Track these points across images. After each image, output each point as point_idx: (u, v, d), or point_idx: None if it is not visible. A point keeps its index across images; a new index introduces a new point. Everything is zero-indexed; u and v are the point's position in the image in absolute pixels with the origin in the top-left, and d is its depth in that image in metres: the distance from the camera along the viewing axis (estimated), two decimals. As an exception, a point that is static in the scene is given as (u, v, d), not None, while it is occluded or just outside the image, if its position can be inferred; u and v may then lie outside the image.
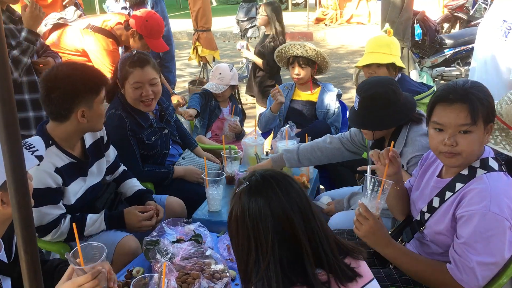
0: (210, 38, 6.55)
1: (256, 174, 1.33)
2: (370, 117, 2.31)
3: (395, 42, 3.19)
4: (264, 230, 1.25)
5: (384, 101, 2.29)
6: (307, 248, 1.25)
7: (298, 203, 1.28)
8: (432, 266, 1.72)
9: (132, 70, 2.72)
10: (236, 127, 3.84)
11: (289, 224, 1.26)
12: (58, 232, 2.15)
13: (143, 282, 1.64)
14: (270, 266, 1.23)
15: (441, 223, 1.72)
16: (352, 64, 9.36)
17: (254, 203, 1.27)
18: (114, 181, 2.59)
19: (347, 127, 3.79)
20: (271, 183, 1.29)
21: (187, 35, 12.70)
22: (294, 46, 3.61)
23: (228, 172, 2.80)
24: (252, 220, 1.26)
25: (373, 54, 3.08)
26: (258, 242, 1.25)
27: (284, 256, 1.25)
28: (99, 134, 2.45)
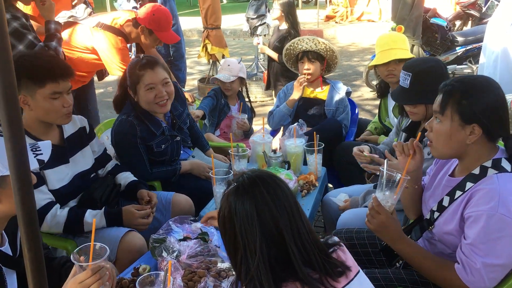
0: (219, 36, 6.55)
1: (244, 175, 1.34)
2: (428, 91, 2.27)
3: (406, 38, 3.26)
4: (251, 231, 1.25)
5: (437, 75, 2.30)
6: (293, 249, 1.26)
7: (285, 204, 1.29)
8: (441, 265, 1.71)
9: (143, 72, 2.71)
10: (244, 124, 3.83)
11: (275, 225, 1.26)
12: (53, 221, 2.16)
13: (149, 280, 1.64)
14: (260, 266, 1.23)
15: (450, 223, 1.70)
16: (362, 62, 9.30)
17: (241, 204, 1.27)
18: (108, 173, 2.60)
19: (356, 125, 3.77)
20: (258, 184, 1.30)
21: (197, 33, 12.71)
22: (303, 40, 3.59)
23: (236, 170, 2.79)
24: (239, 221, 1.27)
25: (392, 51, 3.08)
26: (245, 242, 1.26)
27: (272, 255, 1.25)
28: (80, 125, 2.47)
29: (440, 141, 1.70)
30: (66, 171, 2.32)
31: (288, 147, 2.95)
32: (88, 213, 2.25)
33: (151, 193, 2.52)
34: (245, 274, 1.26)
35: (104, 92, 7.50)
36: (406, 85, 2.34)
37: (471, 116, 1.63)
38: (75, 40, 3.54)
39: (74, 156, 2.39)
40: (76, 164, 2.38)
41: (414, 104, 2.36)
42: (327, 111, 3.63)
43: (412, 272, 1.91)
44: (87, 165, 2.45)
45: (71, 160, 2.36)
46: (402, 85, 2.38)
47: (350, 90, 3.77)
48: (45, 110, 2.16)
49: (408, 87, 2.34)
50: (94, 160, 2.51)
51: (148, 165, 2.80)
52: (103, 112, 4.99)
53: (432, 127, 1.73)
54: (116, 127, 2.79)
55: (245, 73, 3.99)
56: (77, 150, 2.41)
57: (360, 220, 2.37)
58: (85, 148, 2.47)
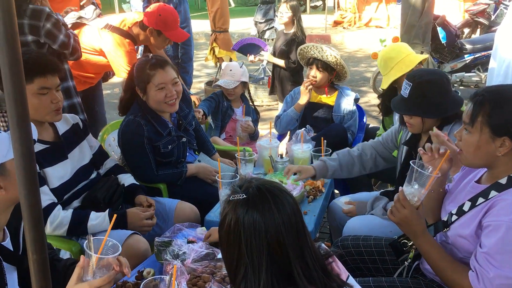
0: (227, 39, 6.55)
1: (254, 186, 1.31)
2: (425, 103, 2.26)
3: (405, 44, 3.29)
4: (258, 246, 1.23)
5: (440, 87, 2.27)
6: (297, 267, 1.24)
7: (291, 221, 1.27)
8: (456, 268, 1.69)
9: (154, 72, 2.71)
10: (248, 127, 3.82)
11: (281, 242, 1.24)
12: (55, 223, 2.15)
13: (153, 284, 1.63)
14: (261, 279, 1.22)
15: (466, 228, 1.68)
16: (370, 68, 9.28)
17: (250, 217, 1.25)
18: (107, 174, 2.59)
19: (363, 131, 3.74)
20: (267, 198, 1.27)
21: (204, 36, 12.75)
22: (316, 48, 3.58)
23: (242, 174, 2.77)
24: (246, 234, 1.24)
25: (413, 54, 3.08)
26: (249, 255, 1.24)
27: (275, 272, 1.24)
28: (72, 121, 2.47)
29: (469, 152, 1.68)
30: (66, 167, 2.32)
31: (295, 152, 2.94)
32: (92, 215, 2.25)
33: (149, 199, 2.52)
34: (243, 285, 1.24)
35: (110, 93, 7.52)
36: (406, 94, 2.32)
37: (502, 129, 1.60)
38: (83, 41, 3.55)
39: (72, 151, 2.39)
40: (75, 159, 2.39)
41: (409, 115, 2.35)
42: (335, 117, 3.61)
43: (419, 281, 1.89)
44: (86, 159, 2.47)
45: (70, 156, 2.37)
46: (402, 94, 2.36)
47: (358, 96, 3.75)
48: (34, 107, 2.14)
49: (407, 96, 2.32)
50: (92, 155, 2.52)
51: (155, 166, 2.79)
52: (109, 114, 4.99)
53: (461, 136, 1.71)
54: (123, 127, 2.78)
55: (247, 76, 3.98)
56: (74, 145, 2.42)
57: (367, 227, 2.35)
58: (82, 143, 2.48)
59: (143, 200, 2.49)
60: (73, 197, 2.34)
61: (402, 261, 1.97)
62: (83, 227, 2.22)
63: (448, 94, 2.31)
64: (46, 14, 2.88)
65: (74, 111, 3.14)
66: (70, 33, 3.07)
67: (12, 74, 0.98)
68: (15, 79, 0.97)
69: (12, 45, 0.96)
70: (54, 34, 2.93)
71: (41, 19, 2.86)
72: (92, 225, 2.23)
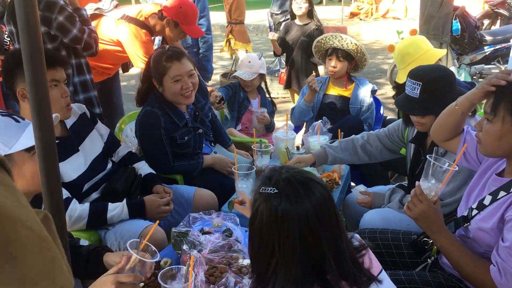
0: (243, 31, 6.52)
1: (284, 178, 1.29)
2: (433, 101, 2.21)
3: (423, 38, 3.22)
4: (290, 237, 1.22)
5: (447, 84, 2.22)
6: (329, 257, 1.23)
7: (323, 209, 1.25)
8: (477, 263, 1.66)
9: (170, 64, 2.70)
10: (264, 118, 3.81)
11: (314, 231, 1.23)
12: (74, 217, 2.17)
13: (170, 274, 1.63)
14: (294, 272, 1.21)
15: (487, 222, 1.65)
16: (386, 60, 9.18)
17: (282, 210, 1.24)
18: (122, 163, 2.60)
19: (380, 123, 3.71)
20: (298, 190, 1.26)
21: (220, 28, 12.71)
22: (335, 37, 3.54)
23: (258, 166, 2.77)
24: (278, 227, 1.24)
25: (432, 50, 3.03)
26: (282, 248, 1.24)
27: (307, 262, 1.23)
28: (79, 112, 2.47)
29: (489, 141, 1.65)
30: (79, 160, 2.33)
31: (311, 144, 2.92)
32: (110, 206, 2.26)
33: (166, 188, 2.52)
34: (274, 278, 1.24)
35: (127, 85, 7.55)
36: (416, 94, 2.24)
37: None
38: (100, 32, 3.56)
39: (83, 143, 2.39)
40: (87, 151, 2.39)
41: (424, 115, 2.28)
42: (352, 109, 3.58)
43: (437, 275, 1.87)
44: (98, 149, 2.47)
45: (81, 148, 2.36)
46: (409, 94, 2.27)
47: (376, 88, 3.71)
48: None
49: (418, 96, 2.23)
50: (103, 143, 2.52)
51: (171, 157, 2.80)
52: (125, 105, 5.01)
53: (481, 126, 1.68)
54: (140, 118, 2.79)
55: (265, 68, 3.97)
56: (84, 137, 2.42)
57: (384, 220, 2.33)
58: (92, 133, 2.47)
59: (160, 190, 2.50)
60: (92, 189, 2.36)
61: (424, 259, 1.94)
62: (103, 219, 2.23)
63: (455, 88, 2.26)
64: (60, 7, 2.88)
65: (90, 104, 3.16)
66: (87, 29, 3.06)
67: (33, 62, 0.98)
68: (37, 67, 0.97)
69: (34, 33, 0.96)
70: (66, 28, 2.93)
71: (54, 11, 2.87)
72: (111, 216, 2.24)
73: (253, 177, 2.52)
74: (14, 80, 2.13)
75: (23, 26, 0.95)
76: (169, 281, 1.60)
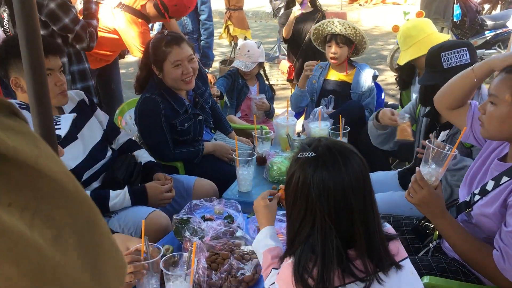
0: (242, 18, 6.46)
1: (323, 145, 1.29)
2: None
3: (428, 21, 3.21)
4: (324, 205, 1.23)
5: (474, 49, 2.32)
6: (360, 230, 1.24)
7: (359, 182, 1.25)
8: (479, 248, 1.65)
9: (169, 49, 2.67)
10: (262, 104, 3.79)
11: (348, 202, 1.24)
12: None
13: (172, 260, 1.63)
14: (324, 240, 1.23)
15: (490, 207, 1.64)
16: (386, 45, 9.12)
17: (319, 176, 1.24)
18: (122, 151, 2.58)
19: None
20: (337, 158, 1.25)
21: (218, 14, 12.61)
22: (332, 23, 3.50)
23: (259, 152, 2.76)
24: (313, 192, 1.24)
25: (431, 36, 3.00)
26: (315, 214, 1.24)
27: (338, 232, 1.24)
28: (78, 98, 2.44)
29: (493, 124, 1.64)
30: (78, 147, 2.30)
31: (312, 130, 2.90)
32: (111, 193, 2.25)
33: (167, 176, 2.50)
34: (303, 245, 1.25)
35: (125, 72, 7.51)
36: (467, 60, 2.27)
37: None
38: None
39: (81, 131, 2.36)
40: (85, 138, 2.36)
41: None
42: (353, 95, 3.55)
43: (440, 259, 1.87)
44: (97, 136, 2.44)
45: (79, 135, 2.34)
46: (460, 64, 2.27)
47: (377, 74, 3.68)
48: None
49: (470, 61, 2.26)
50: (103, 131, 2.50)
51: (172, 145, 2.78)
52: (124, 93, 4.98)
53: (485, 109, 1.66)
54: (140, 105, 2.77)
55: (264, 56, 3.93)
56: (83, 124, 2.38)
57: (386, 205, 2.33)
58: (90, 120, 2.44)
59: (161, 177, 2.48)
60: (92, 178, 2.34)
61: (427, 243, 1.94)
62: (105, 206, 2.22)
63: None
64: None
65: (88, 93, 3.14)
66: (82, 21, 3.00)
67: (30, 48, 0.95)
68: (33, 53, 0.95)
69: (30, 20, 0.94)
70: (57, 15, 2.88)
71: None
72: (114, 203, 2.23)
73: (254, 164, 2.51)
74: (7, 69, 2.11)
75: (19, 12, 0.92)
76: (171, 268, 1.60)
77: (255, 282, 1.70)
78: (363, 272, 1.23)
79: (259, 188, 2.52)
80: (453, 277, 1.77)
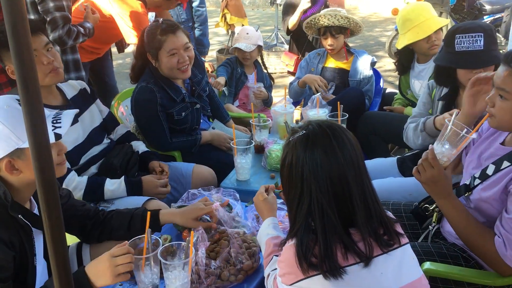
0: (239, 6, 6.41)
1: (313, 123, 1.31)
2: (496, 49, 2.21)
3: (428, 5, 3.17)
4: (320, 180, 1.24)
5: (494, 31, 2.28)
6: (358, 203, 1.25)
7: (351, 154, 1.27)
8: (482, 233, 1.63)
9: (165, 38, 2.63)
10: (260, 93, 3.76)
11: (342, 176, 1.25)
12: (71, 186, 2.15)
13: (170, 250, 1.62)
14: (323, 215, 1.24)
15: (489, 191, 1.62)
16: (385, 32, 9.06)
17: (310, 153, 1.26)
18: (120, 142, 2.58)
19: (380, 96, 3.67)
20: (328, 134, 1.27)
21: (215, 3, 12.53)
22: (324, 16, 3.47)
23: (257, 140, 2.74)
24: (308, 170, 1.25)
25: (428, 21, 2.98)
26: (312, 191, 1.25)
27: (336, 206, 1.25)
28: (80, 87, 2.44)
29: (506, 117, 1.58)
30: (78, 130, 2.31)
31: (310, 117, 2.88)
32: (108, 181, 2.25)
33: (162, 164, 2.51)
34: (302, 224, 1.26)
35: (122, 63, 7.47)
36: (480, 46, 2.18)
37: None
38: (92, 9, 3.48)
39: (82, 115, 2.37)
40: (85, 122, 2.37)
41: (495, 63, 2.20)
42: (351, 82, 3.53)
43: (440, 245, 1.86)
44: (96, 122, 2.45)
45: (80, 119, 2.34)
46: (472, 49, 2.20)
47: (375, 60, 3.66)
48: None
49: (483, 48, 2.18)
50: (102, 119, 2.50)
51: (169, 134, 2.76)
52: (121, 84, 4.96)
53: (494, 102, 1.60)
54: (136, 95, 2.74)
55: (262, 41, 3.91)
56: (84, 109, 2.39)
57: (386, 191, 2.31)
58: (91, 106, 2.46)
59: (156, 165, 2.48)
60: (89, 163, 2.34)
61: (426, 226, 1.92)
62: (100, 193, 2.22)
63: None
64: None
65: None
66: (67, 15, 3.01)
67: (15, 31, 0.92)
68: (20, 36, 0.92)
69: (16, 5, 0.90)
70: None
71: None
72: (109, 190, 2.24)
73: (252, 152, 2.50)
74: (2, 58, 2.09)
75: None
76: (169, 258, 1.59)
77: (254, 270, 1.70)
78: (365, 249, 1.23)
79: (257, 176, 2.51)
80: (453, 263, 1.76)
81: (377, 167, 2.67)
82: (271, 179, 2.46)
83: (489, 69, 2.18)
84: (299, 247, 1.25)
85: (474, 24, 2.27)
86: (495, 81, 1.60)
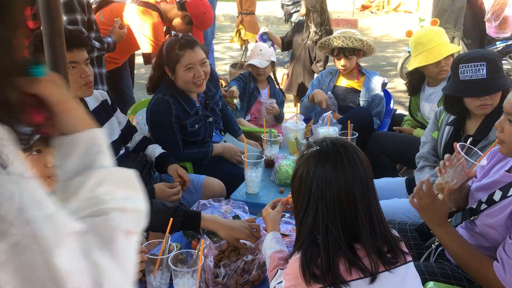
0: (253, 22, 6.51)
1: (327, 140, 1.37)
2: (501, 77, 2.26)
3: (443, 30, 3.26)
4: (327, 196, 1.29)
5: (499, 60, 2.32)
6: (364, 220, 1.29)
7: (361, 174, 1.31)
8: (480, 258, 1.66)
9: (183, 52, 2.72)
10: (272, 109, 3.82)
11: (350, 194, 1.29)
12: None
13: (180, 258, 1.66)
14: (330, 230, 1.28)
15: (495, 217, 1.65)
16: (397, 53, 9.12)
17: (321, 169, 1.31)
18: (137, 148, 2.65)
19: (390, 116, 3.70)
20: (340, 152, 1.32)
21: (230, 18, 12.69)
22: (339, 38, 3.53)
23: (268, 155, 2.79)
24: (316, 184, 1.30)
25: (440, 47, 3.04)
26: (318, 204, 1.30)
27: (342, 222, 1.29)
28: (102, 98, 2.52)
29: None
30: None
31: (321, 135, 2.92)
32: None
33: (181, 172, 2.56)
34: (308, 237, 1.30)
35: (136, 73, 7.54)
36: (483, 75, 2.23)
37: None
38: (111, 19, 3.58)
39: (102, 127, 2.42)
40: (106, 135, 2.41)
41: (498, 91, 2.27)
42: (362, 102, 3.58)
43: (444, 266, 1.88)
44: (115, 135, 2.53)
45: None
46: (474, 78, 2.26)
47: (387, 81, 3.70)
48: None
49: (486, 76, 2.23)
50: (120, 130, 2.59)
51: (181, 145, 2.83)
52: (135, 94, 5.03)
53: (503, 128, 1.63)
54: (152, 105, 2.82)
55: (275, 56, 3.99)
56: (104, 121, 2.47)
57: (391, 210, 2.33)
58: (111, 119, 2.55)
59: (174, 172, 2.55)
60: None
61: (429, 245, 1.95)
62: None
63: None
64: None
65: None
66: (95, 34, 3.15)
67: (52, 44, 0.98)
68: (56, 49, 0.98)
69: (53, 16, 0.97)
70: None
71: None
72: None
73: (262, 166, 2.54)
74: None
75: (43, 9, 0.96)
76: (179, 265, 1.63)
77: (260, 281, 1.73)
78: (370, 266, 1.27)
79: (266, 190, 2.55)
80: (456, 284, 1.78)
81: (385, 186, 2.70)
82: (279, 193, 2.50)
83: (494, 96, 2.25)
84: (303, 258, 1.30)
85: (477, 54, 2.32)
86: (505, 106, 1.63)
